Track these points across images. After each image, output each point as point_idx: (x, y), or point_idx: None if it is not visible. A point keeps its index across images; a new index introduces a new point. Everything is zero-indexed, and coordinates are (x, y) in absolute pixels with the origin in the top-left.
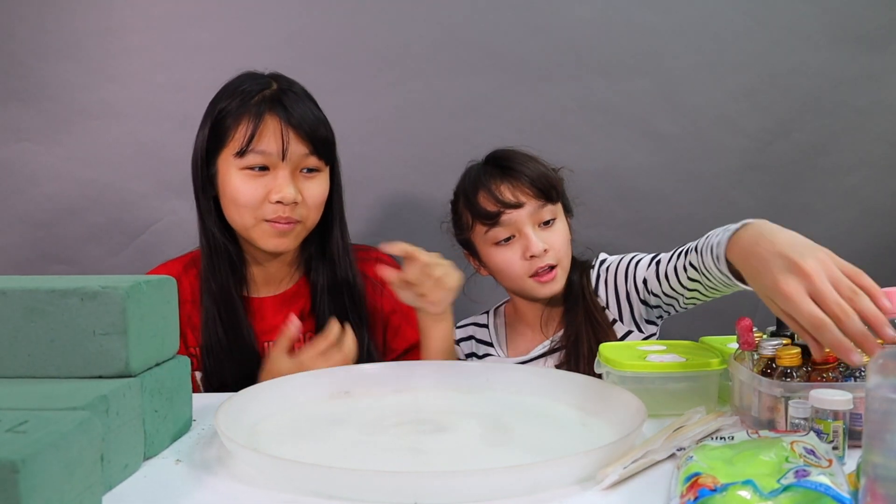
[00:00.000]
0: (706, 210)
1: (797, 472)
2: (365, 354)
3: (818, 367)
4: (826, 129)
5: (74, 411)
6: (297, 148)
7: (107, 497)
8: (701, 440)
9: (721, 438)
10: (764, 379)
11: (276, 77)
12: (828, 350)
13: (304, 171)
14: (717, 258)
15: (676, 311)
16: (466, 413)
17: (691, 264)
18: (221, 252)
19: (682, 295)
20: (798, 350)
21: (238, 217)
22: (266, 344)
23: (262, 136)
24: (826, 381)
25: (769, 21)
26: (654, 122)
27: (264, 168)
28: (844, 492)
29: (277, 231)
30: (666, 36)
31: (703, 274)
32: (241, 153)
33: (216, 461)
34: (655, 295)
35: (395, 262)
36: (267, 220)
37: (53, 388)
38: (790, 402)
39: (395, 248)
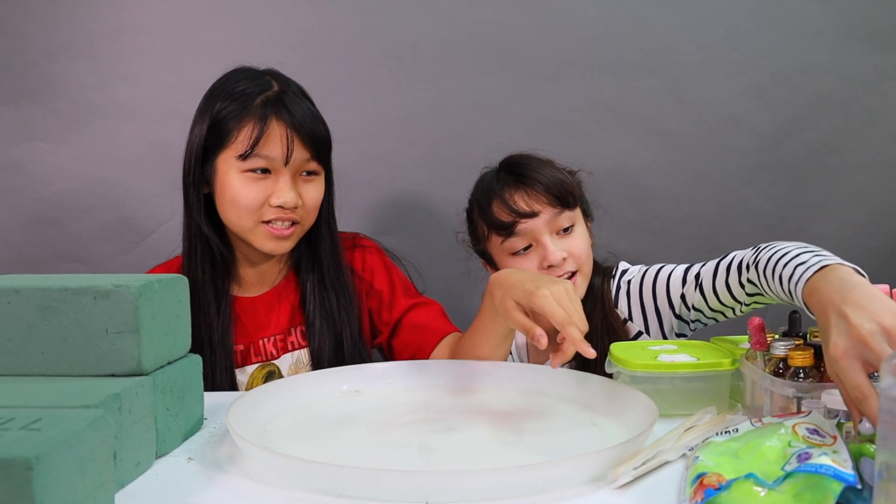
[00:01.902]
0: (716, 209)
1: (799, 455)
2: (357, 353)
3: None
4: (836, 127)
5: (87, 409)
6: (300, 153)
7: (119, 495)
8: (707, 438)
9: (726, 432)
10: (776, 379)
11: (274, 75)
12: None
13: (304, 174)
14: (791, 294)
15: (717, 322)
16: (477, 412)
17: (749, 281)
18: (204, 247)
19: (741, 304)
20: (810, 350)
21: (237, 219)
22: (260, 342)
23: (268, 140)
24: None
25: (779, 19)
26: (664, 121)
27: (265, 171)
28: (849, 468)
29: (276, 235)
30: (675, 35)
31: (765, 293)
32: (244, 156)
33: (227, 459)
34: (697, 310)
35: (380, 247)
36: (265, 223)
37: (66, 386)
38: (803, 402)
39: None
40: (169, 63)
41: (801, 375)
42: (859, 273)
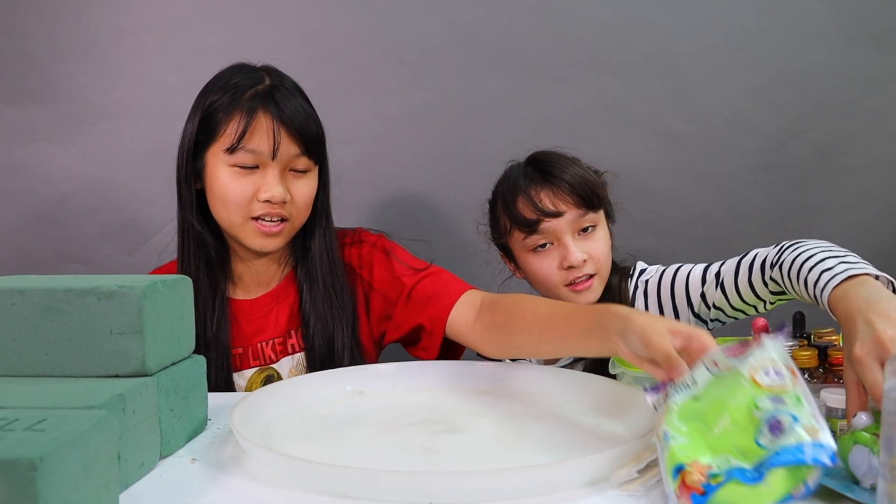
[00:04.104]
0: (720, 210)
1: (771, 426)
2: (348, 355)
3: (834, 368)
4: (840, 128)
5: (91, 410)
6: (289, 148)
7: (123, 495)
8: (667, 397)
9: (686, 386)
10: None
11: (268, 70)
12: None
13: (294, 170)
14: (816, 298)
15: (737, 320)
16: (480, 413)
17: (773, 280)
18: (197, 244)
19: (765, 301)
20: (814, 351)
21: (226, 214)
22: (259, 345)
23: (254, 134)
24: (842, 382)
25: (783, 20)
26: (668, 121)
27: (254, 166)
28: (820, 428)
29: (264, 232)
30: (679, 35)
31: (789, 292)
32: (231, 150)
33: (231, 460)
34: (718, 308)
35: (383, 237)
36: (255, 219)
37: (71, 387)
38: None
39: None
40: (172, 64)
41: (805, 376)
42: (887, 278)
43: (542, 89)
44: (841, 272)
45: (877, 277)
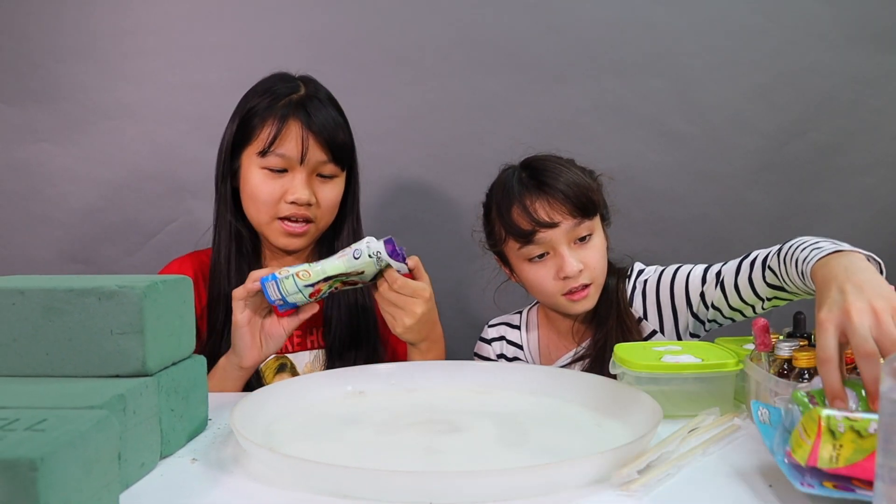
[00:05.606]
0: (721, 210)
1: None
2: (372, 351)
3: None
4: (841, 128)
5: (92, 410)
6: (316, 154)
7: (123, 495)
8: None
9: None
10: (780, 380)
11: (306, 81)
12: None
13: (321, 175)
14: (803, 274)
15: (734, 322)
16: (481, 413)
17: (770, 269)
18: (231, 239)
19: (762, 300)
20: (815, 351)
21: (255, 213)
22: None
23: (284, 139)
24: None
25: (784, 20)
26: (669, 121)
27: (283, 169)
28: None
29: (289, 232)
30: (680, 35)
31: (784, 282)
32: (263, 153)
33: (232, 460)
34: (716, 308)
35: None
36: (281, 219)
37: (71, 387)
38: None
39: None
40: (174, 64)
41: (806, 377)
42: (876, 260)
43: (543, 89)
44: (829, 249)
45: (868, 259)
